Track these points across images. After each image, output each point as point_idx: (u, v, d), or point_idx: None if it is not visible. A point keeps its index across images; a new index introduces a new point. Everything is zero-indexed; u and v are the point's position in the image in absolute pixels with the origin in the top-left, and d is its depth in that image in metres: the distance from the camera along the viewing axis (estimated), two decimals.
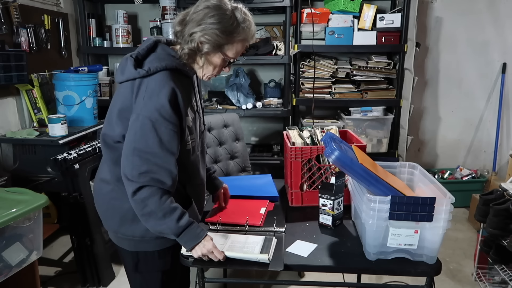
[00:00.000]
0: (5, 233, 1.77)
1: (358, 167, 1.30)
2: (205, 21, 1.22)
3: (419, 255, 1.31)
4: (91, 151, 2.40)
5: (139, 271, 1.42)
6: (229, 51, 1.29)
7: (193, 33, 1.23)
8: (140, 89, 1.24)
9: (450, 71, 3.58)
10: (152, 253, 1.40)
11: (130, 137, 1.23)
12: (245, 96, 3.18)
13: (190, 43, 1.25)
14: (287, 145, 1.76)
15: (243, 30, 1.27)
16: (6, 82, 2.43)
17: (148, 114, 1.20)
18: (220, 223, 1.53)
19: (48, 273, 2.52)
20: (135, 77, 1.25)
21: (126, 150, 1.24)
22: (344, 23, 3.08)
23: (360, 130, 3.28)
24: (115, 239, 1.44)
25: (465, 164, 3.74)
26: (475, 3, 3.43)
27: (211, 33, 1.23)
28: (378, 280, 2.35)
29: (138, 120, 1.21)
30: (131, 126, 1.24)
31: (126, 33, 3.23)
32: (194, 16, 1.24)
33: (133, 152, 1.22)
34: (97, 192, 1.44)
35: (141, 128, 1.21)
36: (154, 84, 1.22)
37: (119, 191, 1.33)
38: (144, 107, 1.21)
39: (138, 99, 1.24)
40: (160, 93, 1.21)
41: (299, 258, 1.34)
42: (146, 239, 1.37)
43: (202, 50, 1.26)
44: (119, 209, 1.36)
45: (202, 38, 1.23)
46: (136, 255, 1.40)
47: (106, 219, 1.43)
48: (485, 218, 2.13)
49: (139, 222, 1.32)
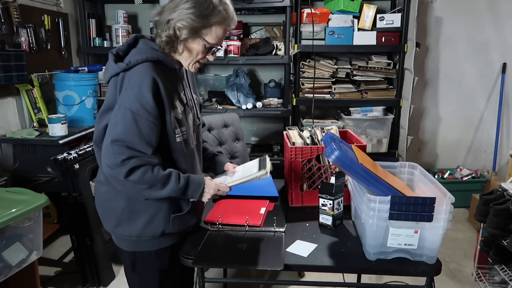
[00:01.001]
0: (5, 233, 1.77)
1: (358, 167, 1.30)
2: (180, 7, 1.24)
3: (419, 255, 1.31)
4: (91, 151, 2.40)
5: (136, 270, 1.42)
6: (208, 36, 1.28)
7: (169, 20, 1.25)
8: (123, 82, 1.25)
9: (450, 71, 3.58)
10: (149, 253, 1.40)
11: (111, 127, 1.24)
12: (245, 96, 3.18)
13: (167, 30, 1.26)
14: (287, 145, 1.76)
15: (219, 12, 1.26)
16: (6, 82, 2.43)
17: (129, 105, 1.21)
18: (220, 223, 1.53)
19: (48, 273, 2.52)
20: (116, 72, 1.26)
21: (107, 140, 1.24)
22: (344, 23, 3.08)
23: (360, 130, 3.28)
24: (114, 239, 1.45)
25: (465, 164, 3.74)
26: (475, 3, 3.43)
27: (186, 18, 1.23)
28: (378, 280, 2.35)
29: (119, 110, 1.23)
30: (113, 117, 1.25)
31: (126, 33, 3.23)
32: (170, 4, 1.26)
33: (112, 142, 1.22)
34: (96, 193, 1.45)
35: (122, 119, 1.22)
36: (135, 75, 1.23)
37: (113, 192, 1.34)
38: (126, 98, 1.22)
39: (121, 92, 1.25)
40: (141, 84, 1.21)
41: (299, 258, 1.34)
42: (143, 239, 1.37)
43: (179, 37, 1.27)
44: (115, 209, 1.37)
45: (178, 24, 1.24)
46: (133, 255, 1.41)
47: (104, 220, 1.43)
48: (485, 218, 2.13)
49: (135, 222, 1.34)
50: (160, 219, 1.36)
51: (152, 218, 1.35)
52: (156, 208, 1.35)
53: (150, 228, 1.36)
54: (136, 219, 1.35)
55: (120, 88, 1.25)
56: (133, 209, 1.35)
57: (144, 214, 1.35)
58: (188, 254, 1.35)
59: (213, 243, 1.43)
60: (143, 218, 1.35)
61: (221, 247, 1.40)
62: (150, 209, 1.35)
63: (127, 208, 1.35)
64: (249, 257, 1.33)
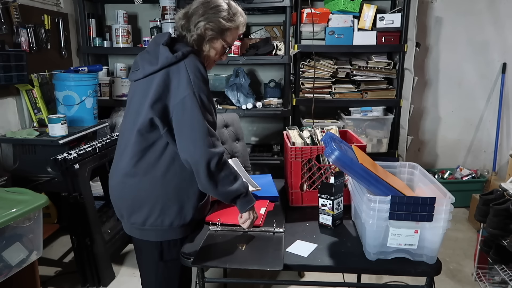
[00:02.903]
0: (5, 233, 1.77)
1: (358, 167, 1.30)
2: (208, 12, 1.41)
3: (419, 255, 1.31)
4: (91, 151, 2.40)
5: (164, 259, 1.48)
6: (228, 37, 1.47)
7: (198, 22, 1.41)
8: (180, 71, 1.34)
9: (450, 71, 3.58)
10: (175, 241, 1.46)
11: (189, 118, 1.31)
12: (245, 96, 3.18)
13: (197, 30, 1.41)
14: (287, 145, 1.76)
15: (238, 18, 1.47)
16: (6, 82, 2.43)
17: (199, 90, 1.33)
18: (220, 223, 1.53)
19: (48, 273, 2.52)
20: (173, 62, 1.34)
21: (190, 132, 1.31)
22: (344, 23, 3.08)
23: (360, 130, 3.28)
24: (138, 233, 1.47)
25: (465, 164, 3.74)
26: (475, 3, 3.43)
27: (215, 20, 1.41)
28: (378, 280, 2.35)
29: (194, 98, 1.31)
30: (186, 108, 1.31)
31: (126, 33, 3.23)
32: (197, 10, 1.42)
33: (198, 130, 1.31)
34: (121, 188, 1.46)
35: (199, 105, 1.32)
36: (192, 63, 1.36)
37: (147, 182, 1.40)
38: (194, 84, 1.33)
39: (181, 81, 1.32)
40: (200, 69, 1.37)
41: (299, 258, 1.34)
42: (173, 227, 1.44)
43: (207, 37, 1.43)
44: (148, 199, 1.41)
45: (208, 25, 1.41)
46: (160, 244, 1.46)
47: (134, 212, 1.44)
48: (485, 218, 2.13)
49: (167, 211, 1.41)
50: (189, 208, 1.44)
51: (183, 206, 1.43)
52: (186, 197, 1.43)
53: (181, 216, 1.43)
54: (169, 207, 1.41)
55: (179, 79, 1.33)
56: (167, 198, 1.41)
57: (176, 203, 1.42)
58: (188, 254, 1.35)
59: (213, 243, 1.43)
60: (175, 206, 1.42)
61: (221, 247, 1.41)
62: (182, 197, 1.43)
63: (161, 197, 1.40)
64: (249, 257, 1.33)
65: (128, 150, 1.41)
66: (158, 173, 1.39)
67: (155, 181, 1.40)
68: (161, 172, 1.39)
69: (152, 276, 1.53)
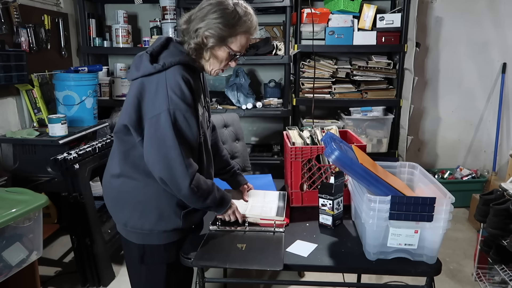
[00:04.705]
0: (5, 233, 1.77)
1: (358, 167, 1.30)
2: (208, 17, 1.31)
3: (419, 255, 1.31)
4: (91, 151, 2.40)
5: (144, 263, 1.45)
6: (233, 44, 1.36)
7: (198, 29, 1.31)
8: (158, 84, 1.27)
9: (450, 71, 3.58)
10: (158, 246, 1.43)
11: (161, 135, 1.25)
12: (245, 96, 3.18)
13: (195, 38, 1.32)
14: (287, 145, 1.76)
15: (245, 22, 1.35)
16: (6, 82, 2.43)
17: (176, 107, 1.25)
18: (220, 223, 1.53)
19: (48, 273, 2.52)
20: (151, 72, 1.29)
21: (158, 151, 1.26)
22: (344, 23, 3.08)
23: (360, 130, 3.28)
24: (123, 232, 1.47)
25: (465, 164, 3.74)
26: (475, 3, 3.43)
27: (214, 27, 1.30)
28: (378, 280, 2.35)
29: (168, 116, 1.24)
30: (159, 125, 1.25)
31: (126, 33, 3.24)
32: (198, 14, 1.33)
33: (168, 151, 1.25)
34: (106, 187, 1.47)
35: (172, 124, 1.25)
36: (172, 77, 1.27)
37: (129, 184, 1.38)
38: (170, 101, 1.25)
39: (159, 95, 1.26)
40: (180, 84, 1.27)
41: (299, 258, 1.34)
42: (154, 232, 1.40)
43: (207, 45, 1.34)
44: (129, 202, 1.40)
45: (207, 33, 1.31)
46: (142, 247, 1.44)
47: (116, 213, 1.45)
48: (485, 218, 2.13)
49: (147, 216, 1.37)
50: (172, 215, 1.39)
51: (164, 213, 1.39)
52: (168, 203, 1.38)
53: (162, 222, 1.39)
54: (150, 212, 1.38)
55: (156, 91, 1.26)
56: (147, 203, 1.38)
57: (157, 209, 1.38)
58: (188, 254, 1.35)
59: (213, 243, 1.43)
60: (155, 213, 1.38)
61: (221, 247, 1.40)
62: (162, 204, 1.38)
63: (141, 201, 1.38)
64: (249, 257, 1.33)
65: (115, 151, 1.42)
66: (140, 176, 1.37)
67: (137, 185, 1.38)
68: (143, 176, 1.36)
69: (135, 277, 1.52)
